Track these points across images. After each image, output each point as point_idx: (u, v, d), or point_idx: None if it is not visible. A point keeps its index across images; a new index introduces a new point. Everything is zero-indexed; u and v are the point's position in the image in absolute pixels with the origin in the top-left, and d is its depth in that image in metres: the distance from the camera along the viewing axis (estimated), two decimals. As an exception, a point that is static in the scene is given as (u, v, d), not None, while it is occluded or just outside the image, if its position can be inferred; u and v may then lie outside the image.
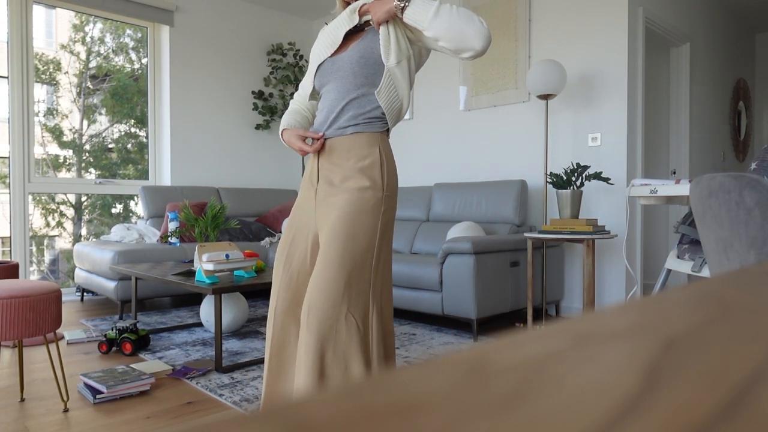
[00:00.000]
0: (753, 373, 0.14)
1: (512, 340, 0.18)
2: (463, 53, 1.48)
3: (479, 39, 1.44)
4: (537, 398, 0.13)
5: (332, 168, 1.58)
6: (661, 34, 4.09)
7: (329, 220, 1.53)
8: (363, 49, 1.53)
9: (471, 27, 1.44)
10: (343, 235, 1.48)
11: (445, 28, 1.44)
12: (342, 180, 1.55)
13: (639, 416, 0.12)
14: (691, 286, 0.27)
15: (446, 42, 1.46)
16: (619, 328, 0.19)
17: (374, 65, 1.53)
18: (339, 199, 1.53)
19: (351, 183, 1.53)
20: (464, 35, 1.44)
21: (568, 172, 3.02)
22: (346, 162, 1.55)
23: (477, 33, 1.44)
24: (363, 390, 0.13)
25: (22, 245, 4.17)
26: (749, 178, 1.27)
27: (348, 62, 1.54)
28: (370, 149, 1.55)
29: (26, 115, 4.21)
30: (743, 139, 5.74)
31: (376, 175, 1.54)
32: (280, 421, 0.11)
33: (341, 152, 1.57)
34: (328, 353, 1.43)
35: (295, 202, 1.68)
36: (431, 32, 1.45)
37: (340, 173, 1.55)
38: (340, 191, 1.54)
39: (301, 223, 1.64)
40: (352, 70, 1.54)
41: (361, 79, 1.54)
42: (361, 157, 1.54)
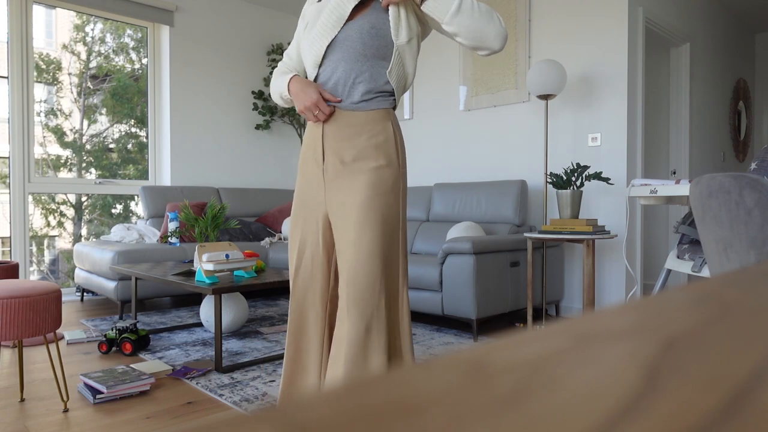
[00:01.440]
0: (753, 373, 0.14)
1: (512, 340, 0.18)
2: (480, 51, 1.46)
3: (498, 39, 1.42)
4: (537, 398, 0.13)
5: (342, 145, 1.49)
6: (661, 34, 4.09)
7: (350, 205, 1.45)
8: (374, 20, 1.46)
9: (491, 27, 1.40)
10: (372, 221, 1.43)
11: (466, 25, 1.40)
12: (355, 158, 1.47)
13: (639, 416, 0.12)
14: (691, 286, 0.27)
15: (465, 39, 1.42)
16: (619, 328, 0.19)
17: (384, 38, 1.46)
18: (357, 182, 1.45)
19: (367, 163, 1.46)
20: (484, 34, 1.41)
21: (568, 172, 3.02)
22: (357, 138, 1.48)
23: (497, 33, 1.41)
24: (363, 390, 0.13)
25: (22, 245, 4.17)
26: (749, 178, 1.27)
27: (357, 32, 1.46)
28: (383, 124, 1.49)
29: (26, 115, 4.21)
30: (743, 139, 5.74)
31: (392, 151, 1.49)
32: (280, 421, 0.11)
33: (352, 128, 1.49)
34: (372, 344, 1.40)
35: (297, 183, 1.59)
36: (451, 28, 1.41)
37: (351, 151, 1.48)
38: (356, 172, 1.46)
39: (309, 207, 1.55)
40: (362, 41, 1.45)
41: (371, 50, 1.46)
42: (375, 134, 1.48)
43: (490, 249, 3.12)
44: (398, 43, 1.45)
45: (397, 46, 1.45)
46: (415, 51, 1.50)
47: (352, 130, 1.49)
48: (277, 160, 5.61)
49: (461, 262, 3.06)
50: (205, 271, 2.53)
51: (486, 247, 3.10)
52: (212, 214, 2.98)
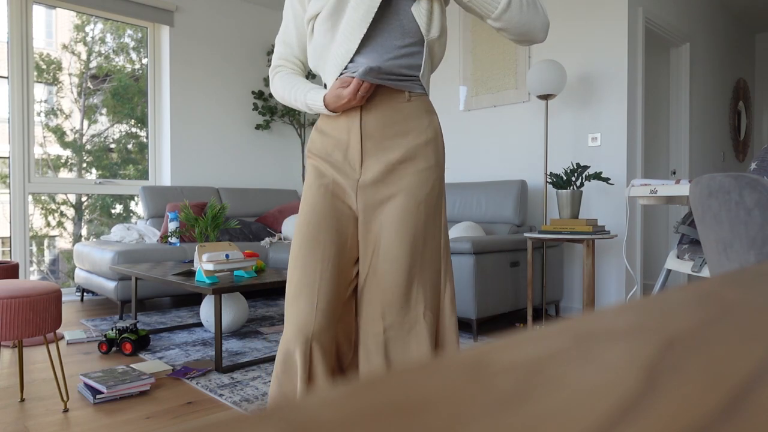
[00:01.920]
0: (753, 373, 0.14)
1: (512, 340, 0.18)
2: (523, 43, 1.34)
3: (543, 31, 1.30)
4: (537, 398, 0.13)
5: (388, 145, 1.27)
6: (661, 34, 4.09)
7: (387, 216, 1.27)
8: (401, 12, 1.27)
9: (537, 19, 1.28)
10: (410, 232, 1.27)
11: (516, 22, 1.26)
12: (402, 159, 1.27)
13: (639, 416, 0.12)
14: (691, 286, 0.27)
15: (511, 35, 1.29)
16: (619, 328, 0.19)
17: (415, 34, 1.27)
18: (398, 190, 1.27)
19: (416, 163, 1.27)
20: (531, 28, 1.28)
21: (568, 172, 3.02)
22: (406, 136, 1.27)
23: (543, 25, 1.29)
24: (363, 390, 0.13)
25: (22, 245, 4.17)
26: (749, 178, 1.27)
27: (387, 28, 1.26)
28: (429, 118, 1.31)
29: (26, 115, 4.21)
30: (743, 139, 5.74)
31: (440, 149, 1.32)
32: (280, 421, 0.11)
33: (399, 124, 1.28)
34: None
35: (311, 193, 1.31)
36: (499, 24, 1.26)
37: (399, 150, 1.27)
38: (403, 174, 1.27)
39: (338, 223, 1.30)
40: (393, 37, 1.26)
41: (404, 50, 1.27)
42: (424, 128, 1.29)
43: (490, 249, 3.12)
44: (429, 38, 1.28)
45: (428, 42, 1.28)
46: (444, 45, 1.35)
47: (400, 127, 1.28)
48: (277, 160, 5.61)
49: (461, 262, 3.06)
50: (205, 271, 2.53)
51: (486, 247, 3.10)
52: (212, 214, 2.98)
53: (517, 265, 3.33)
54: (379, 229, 1.28)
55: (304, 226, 1.29)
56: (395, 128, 1.27)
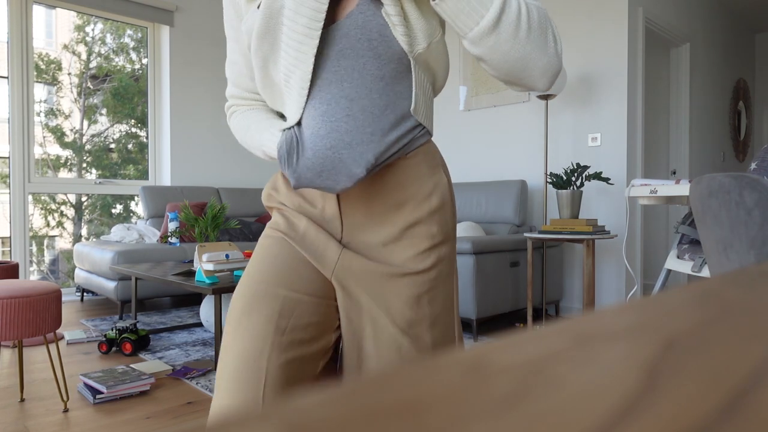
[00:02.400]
0: (753, 373, 0.14)
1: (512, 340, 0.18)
2: (511, 86, 0.87)
3: (546, 75, 0.83)
4: (537, 398, 0.13)
5: (377, 221, 0.90)
6: (661, 35, 4.09)
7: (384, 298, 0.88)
8: (365, 22, 0.82)
9: (540, 56, 0.81)
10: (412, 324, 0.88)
11: (503, 52, 0.80)
12: (396, 238, 0.89)
13: (639, 416, 0.12)
14: (691, 286, 0.27)
15: (492, 68, 0.83)
16: (619, 328, 0.19)
17: (386, 48, 0.82)
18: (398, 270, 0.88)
19: (416, 244, 0.89)
20: (526, 67, 0.81)
21: (568, 173, 3.02)
22: (399, 210, 0.89)
23: (546, 67, 0.82)
24: (363, 390, 0.13)
25: (22, 245, 4.17)
26: (749, 179, 1.27)
27: (356, 36, 0.82)
28: (434, 177, 0.91)
29: (26, 115, 4.21)
30: (743, 139, 5.74)
31: (449, 217, 0.93)
32: (280, 421, 0.11)
33: (389, 194, 0.89)
34: None
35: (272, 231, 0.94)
36: (477, 49, 0.80)
37: (391, 229, 0.89)
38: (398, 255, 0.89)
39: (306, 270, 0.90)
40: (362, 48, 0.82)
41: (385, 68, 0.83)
42: (426, 195, 0.90)
43: (490, 249, 3.12)
44: (415, 54, 0.84)
45: (414, 59, 0.84)
46: (443, 54, 0.90)
47: (393, 198, 0.89)
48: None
49: (461, 262, 3.06)
50: (205, 271, 2.53)
51: (486, 247, 3.10)
52: (212, 214, 2.98)
53: (517, 265, 3.33)
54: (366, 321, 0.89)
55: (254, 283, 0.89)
56: (386, 201, 0.89)
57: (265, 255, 0.92)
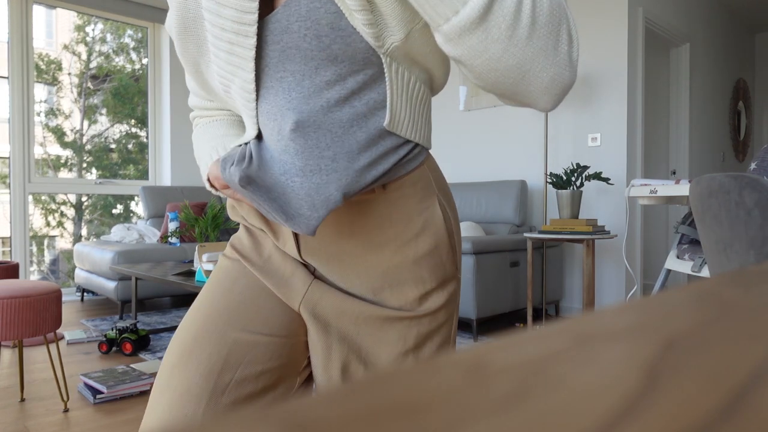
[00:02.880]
0: (753, 373, 0.14)
1: (512, 340, 0.18)
2: (507, 102, 0.63)
3: (549, 93, 0.58)
4: (537, 398, 0.13)
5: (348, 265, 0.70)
6: (660, 35, 4.10)
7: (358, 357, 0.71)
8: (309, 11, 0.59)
9: (546, 67, 0.56)
10: None
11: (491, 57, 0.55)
12: (374, 291, 0.70)
13: (639, 416, 0.12)
14: (691, 286, 0.27)
15: (479, 80, 0.59)
16: (619, 328, 0.19)
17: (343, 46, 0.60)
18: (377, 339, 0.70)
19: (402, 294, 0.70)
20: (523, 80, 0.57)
21: (568, 173, 3.02)
22: (378, 253, 0.69)
23: (551, 82, 0.57)
24: (363, 390, 0.13)
25: (23, 245, 4.17)
26: (749, 179, 1.27)
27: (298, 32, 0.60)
28: (423, 209, 0.70)
29: (26, 115, 4.21)
30: (743, 139, 5.74)
31: (444, 256, 0.71)
32: (280, 421, 0.11)
33: (369, 228, 0.69)
34: None
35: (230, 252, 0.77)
36: (455, 51, 0.56)
37: (367, 280, 0.70)
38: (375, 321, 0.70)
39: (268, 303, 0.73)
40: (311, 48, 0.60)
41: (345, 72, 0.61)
42: (412, 236, 0.69)
43: (490, 249, 3.12)
44: (389, 49, 0.61)
45: (389, 54, 0.61)
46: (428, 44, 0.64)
47: (369, 239, 0.69)
48: (277, 160, 5.61)
49: (461, 262, 3.06)
50: (205, 271, 2.53)
51: (486, 247, 3.10)
52: (212, 214, 2.98)
53: (517, 265, 3.33)
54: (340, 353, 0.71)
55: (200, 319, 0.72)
56: (358, 243, 0.69)
57: (218, 283, 0.75)
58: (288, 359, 0.73)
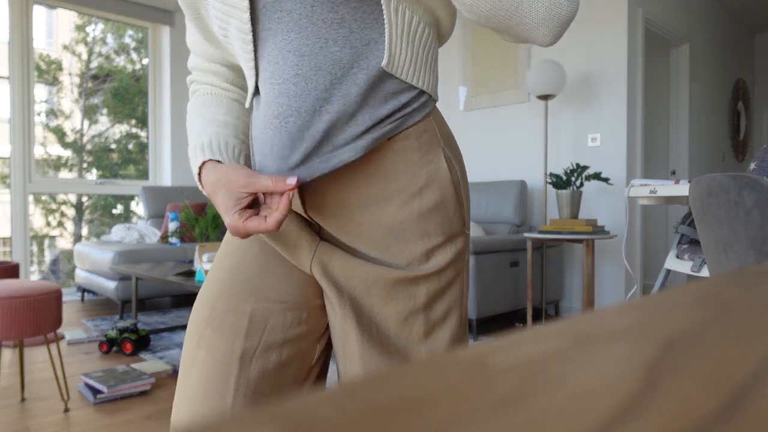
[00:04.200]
0: (753, 373, 0.14)
1: (512, 340, 0.18)
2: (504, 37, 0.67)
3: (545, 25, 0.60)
4: (537, 398, 0.13)
5: (357, 221, 0.67)
6: (660, 35, 4.10)
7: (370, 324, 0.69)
8: None
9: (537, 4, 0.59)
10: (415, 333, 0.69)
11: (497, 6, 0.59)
12: (380, 249, 0.68)
13: (639, 416, 0.12)
14: (691, 286, 0.27)
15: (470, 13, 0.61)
16: (619, 328, 0.19)
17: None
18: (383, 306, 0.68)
19: (402, 254, 0.68)
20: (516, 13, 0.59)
21: (568, 173, 3.02)
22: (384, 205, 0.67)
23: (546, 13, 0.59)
24: (363, 389, 0.13)
25: (23, 245, 4.17)
26: (748, 179, 1.27)
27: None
28: (427, 162, 0.67)
29: (27, 115, 4.21)
30: (743, 139, 5.74)
31: (451, 211, 0.69)
32: (280, 421, 0.11)
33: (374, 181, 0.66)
34: None
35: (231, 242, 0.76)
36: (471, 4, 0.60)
37: (370, 237, 0.68)
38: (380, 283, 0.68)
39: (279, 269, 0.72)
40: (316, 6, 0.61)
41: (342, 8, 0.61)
42: (416, 190, 0.66)
43: (490, 249, 3.12)
44: None
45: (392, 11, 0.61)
46: None
47: (373, 193, 0.66)
48: (277, 160, 5.61)
49: (461, 262, 3.06)
50: (206, 271, 2.53)
51: (486, 247, 3.10)
52: (212, 214, 2.98)
53: (517, 265, 3.33)
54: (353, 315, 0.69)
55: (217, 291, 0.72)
56: (363, 196, 0.67)
57: (227, 256, 0.74)
58: (307, 326, 0.72)
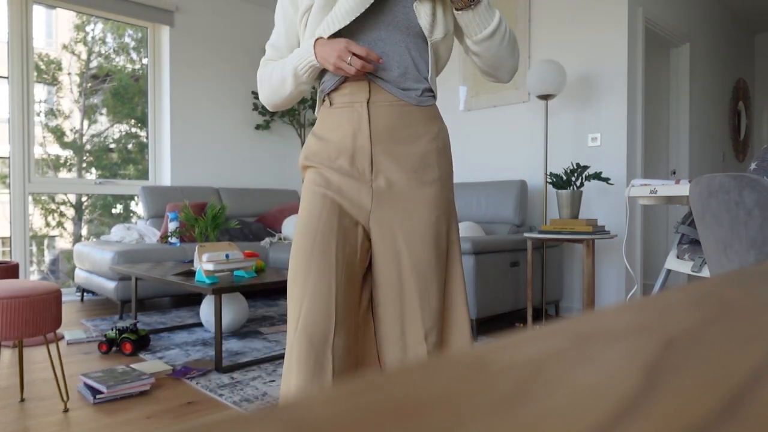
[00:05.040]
0: (753, 373, 0.14)
1: (512, 340, 0.18)
2: (487, 76, 1.31)
3: (510, 74, 1.30)
4: (537, 398, 0.13)
5: (403, 151, 1.20)
6: (660, 35, 4.09)
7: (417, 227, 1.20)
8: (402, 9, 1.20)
9: (511, 61, 1.27)
10: (437, 242, 1.21)
11: (492, 53, 1.23)
12: (417, 167, 1.20)
13: (639, 416, 0.12)
14: (691, 286, 0.27)
15: (481, 62, 1.26)
16: (619, 328, 0.19)
17: (416, 28, 1.20)
18: (422, 196, 1.20)
19: (430, 172, 1.21)
20: (502, 65, 1.27)
21: (568, 173, 3.02)
22: (419, 142, 1.21)
23: (513, 68, 1.29)
24: (363, 390, 0.13)
25: (22, 245, 4.17)
26: (749, 179, 1.27)
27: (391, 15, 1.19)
28: (439, 125, 1.26)
29: (26, 115, 4.21)
30: (743, 139, 5.74)
31: (450, 158, 1.28)
32: (280, 421, 0.11)
33: (412, 127, 1.21)
34: None
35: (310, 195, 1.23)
36: (476, 48, 1.23)
37: (414, 158, 1.20)
38: (419, 184, 1.20)
39: (346, 220, 1.21)
40: (398, 24, 1.19)
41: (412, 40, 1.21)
42: (434, 136, 1.23)
43: (490, 249, 3.12)
44: (433, 39, 1.20)
45: (432, 43, 1.21)
46: (450, 47, 1.27)
47: (413, 131, 1.21)
48: (277, 160, 5.61)
49: (461, 262, 3.06)
50: (205, 271, 2.53)
51: (486, 247, 3.10)
52: (212, 214, 2.98)
53: (517, 265, 3.33)
54: (402, 243, 1.20)
55: (312, 234, 1.18)
56: (405, 132, 1.20)
57: (314, 215, 1.20)
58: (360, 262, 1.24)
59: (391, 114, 1.19)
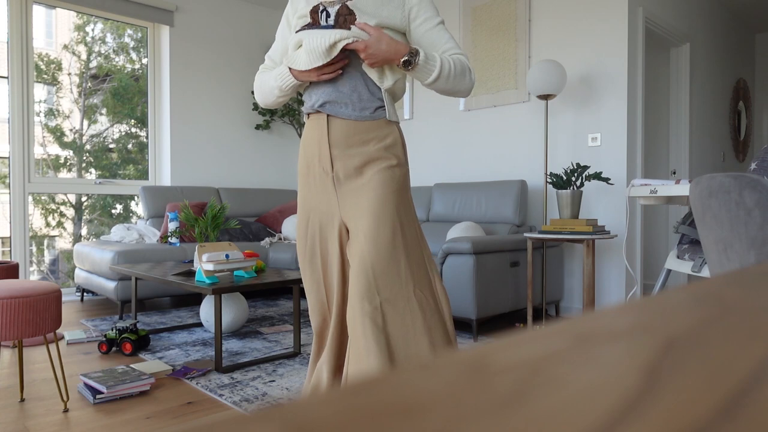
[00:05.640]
0: (753, 373, 0.14)
1: (512, 340, 0.18)
2: (449, 96, 1.63)
3: (466, 93, 1.60)
4: (537, 398, 0.13)
5: (350, 154, 1.52)
6: (661, 35, 4.09)
7: (366, 204, 1.49)
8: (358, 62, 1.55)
9: (463, 85, 1.55)
10: (390, 216, 1.47)
11: (442, 88, 1.54)
12: (364, 163, 1.52)
13: (639, 416, 0.12)
14: (691, 286, 0.27)
15: (438, 92, 1.58)
16: (619, 328, 0.19)
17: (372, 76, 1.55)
18: (371, 182, 1.50)
19: (378, 164, 1.51)
20: (456, 92, 1.57)
21: (568, 172, 3.02)
22: (365, 147, 1.52)
23: (466, 89, 1.57)
24: (363, 390, 0.13)
25: (22, 245, 4.17)
26: (749, 178, 1.27)
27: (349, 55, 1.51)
28: (389, 128, 1.55)
29: (26, 115, 4.21)
30: (743, 139, 5.74)
31: (399, 152, 1.55)
32: (280, 421, 0.11)
33: (360, 135, 1.52)
34: (408, 335, 1.43)
35: (302, 191, 1.62)
36: (428, 87, 1.55)
37: (360, 158, 1.52)
38: (369, 173, 1.51)
39: (324, 215, 1.57)
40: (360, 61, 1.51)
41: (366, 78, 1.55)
42: (382, 138, 1.53)
43: (490, 249, 3.12)
44: (385, 87, 1.52)
45: (386, 90, 1.52)
46: (403, 84, 1.58)
47: (360, 138, 1.52)
48: (277, 160, 5.61)
49: (461, 262, 3.06)
50: (205, 271, 2.53)
51: (486, 247, 3.10)
52: (212, 214, 2.98)
53: (517, 265, 3.33)
54: (359, 216, 1.49)
55: (302, 248, 1.63)
56: (356, 138, 1.52)
57: (305, 203, 1.62)
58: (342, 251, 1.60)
59: (346, 126, 1.52)
